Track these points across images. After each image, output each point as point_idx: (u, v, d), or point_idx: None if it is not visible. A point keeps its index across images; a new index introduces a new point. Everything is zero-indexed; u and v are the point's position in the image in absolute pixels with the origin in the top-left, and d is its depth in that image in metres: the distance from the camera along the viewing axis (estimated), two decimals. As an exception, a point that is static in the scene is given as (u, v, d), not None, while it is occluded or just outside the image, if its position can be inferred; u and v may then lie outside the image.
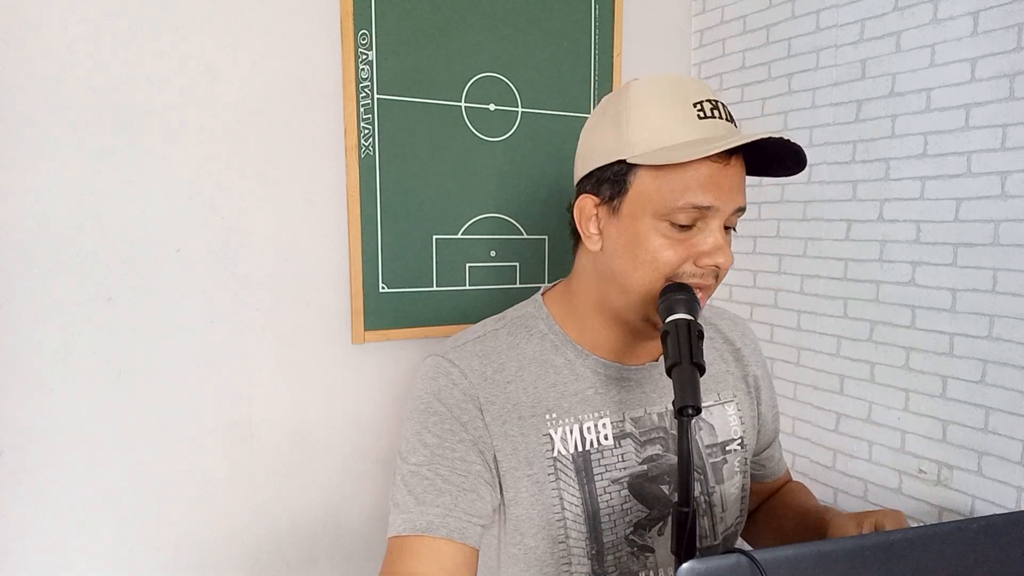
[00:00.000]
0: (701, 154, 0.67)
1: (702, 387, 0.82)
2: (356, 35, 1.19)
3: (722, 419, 0.85)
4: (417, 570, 0.69)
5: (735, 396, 0.87)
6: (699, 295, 0.71)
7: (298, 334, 1.22)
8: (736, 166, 0.71)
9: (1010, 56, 1.01)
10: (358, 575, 1.30)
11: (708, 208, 0.69)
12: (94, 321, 1.06)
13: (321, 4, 1.18)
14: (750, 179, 0.75)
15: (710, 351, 0.87)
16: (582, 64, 1.42)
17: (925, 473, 1.15)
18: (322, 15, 1.18)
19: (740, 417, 0.86)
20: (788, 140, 0.70)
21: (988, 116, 1.04)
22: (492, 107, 1.33)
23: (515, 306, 0.87)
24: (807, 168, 1.32)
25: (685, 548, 0.59)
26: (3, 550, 1.03)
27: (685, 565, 0.48)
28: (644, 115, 0.72)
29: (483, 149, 1.33)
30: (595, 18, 1.42)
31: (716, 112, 0.71)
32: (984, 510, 1.06)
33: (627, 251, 0.72)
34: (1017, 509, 1.02)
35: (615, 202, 0.73)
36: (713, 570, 0.48)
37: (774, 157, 0.73)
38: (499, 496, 0.76)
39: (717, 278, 0.73)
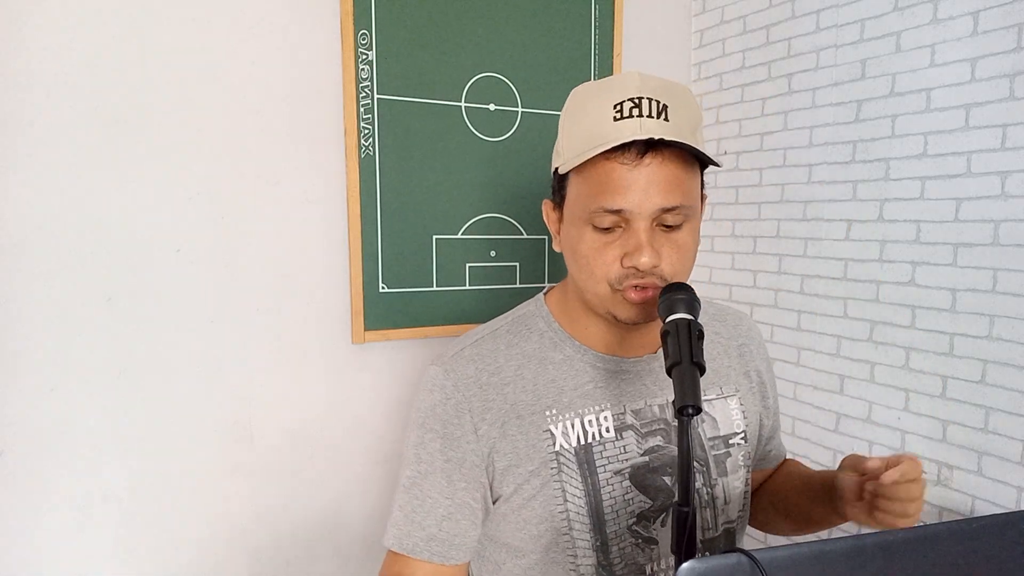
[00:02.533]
0: (580, 160, 0.69)
1: (704, 380, 0.83)
2: (356, 35, 1.19)
3: (724, 412, 0.85)
4: None
5: (737, 391, 0.88)
6: (634, 296, 0.71)
7: (298, 334, 1.22)
8: (653, 165, 0.68)
9: (1010, 56, 1.01)
10: (358, 575, 1.30)
11: (619, 211, 0.69)
12: (94, 321, 1.06)
13: (321, 4, 1.18)
14: (750, 178, 0.74)
15: (714, 346, 0.88)
16: (582, 64, 1.42)
17: (925, 473, 1.15)
18: (322, 15, 1.18)
19: (743, 412, 0.87)
20: (664, 140, 0.67)
21: (988, 116, 1.04)
22: (492, 107, 1.33)
23: (519, 305, 0.89)
24: (807, 168, 1.34)
25: (685, 548, 0.59)
26: (3, 550, 1.03)
27: (685, 565, 0.48)
28: (570, 122, 0.74)
29: (483, 149, 1.33)
30: (595, 18, 1.42)
31: (636, 111, 0.68)
32: (984, 510, 1.06)
33: (571, 255, 0.76)
34: (1017, 509, 1.02)
35: (561, 208, 0.78)
36: (713, 570, 0.48)
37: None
38: (488, 506, 0.79)
39: (663, 279, 0.71)
